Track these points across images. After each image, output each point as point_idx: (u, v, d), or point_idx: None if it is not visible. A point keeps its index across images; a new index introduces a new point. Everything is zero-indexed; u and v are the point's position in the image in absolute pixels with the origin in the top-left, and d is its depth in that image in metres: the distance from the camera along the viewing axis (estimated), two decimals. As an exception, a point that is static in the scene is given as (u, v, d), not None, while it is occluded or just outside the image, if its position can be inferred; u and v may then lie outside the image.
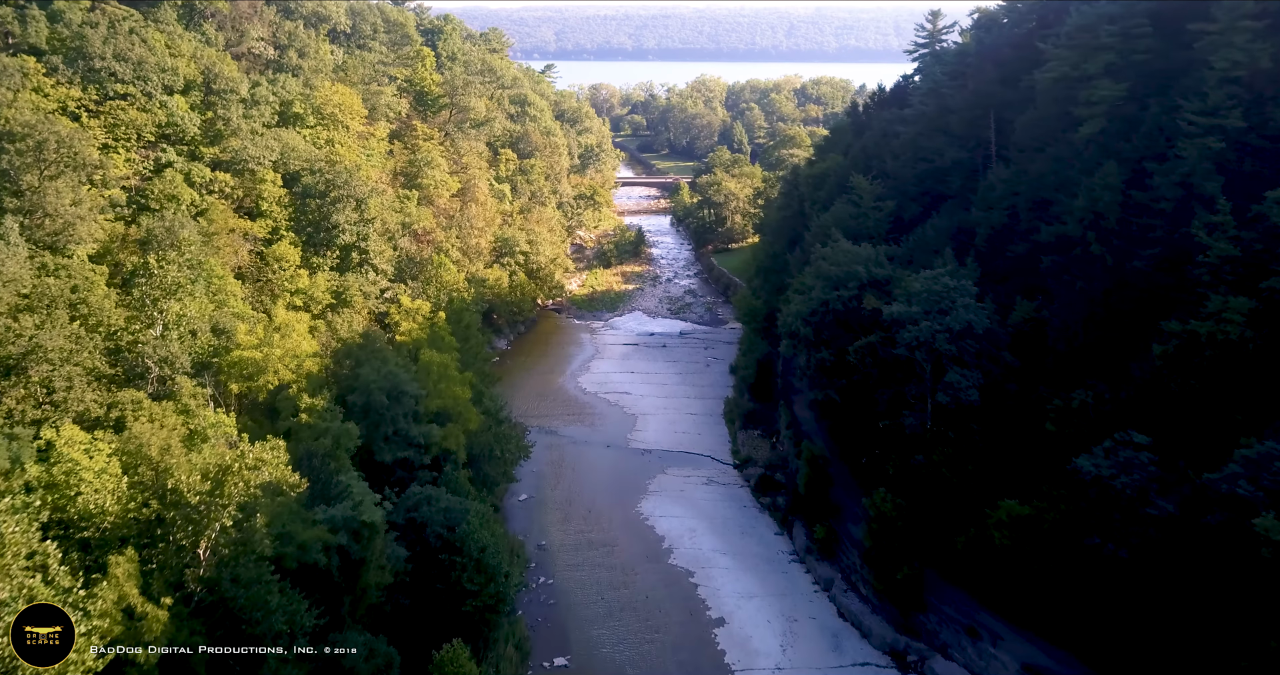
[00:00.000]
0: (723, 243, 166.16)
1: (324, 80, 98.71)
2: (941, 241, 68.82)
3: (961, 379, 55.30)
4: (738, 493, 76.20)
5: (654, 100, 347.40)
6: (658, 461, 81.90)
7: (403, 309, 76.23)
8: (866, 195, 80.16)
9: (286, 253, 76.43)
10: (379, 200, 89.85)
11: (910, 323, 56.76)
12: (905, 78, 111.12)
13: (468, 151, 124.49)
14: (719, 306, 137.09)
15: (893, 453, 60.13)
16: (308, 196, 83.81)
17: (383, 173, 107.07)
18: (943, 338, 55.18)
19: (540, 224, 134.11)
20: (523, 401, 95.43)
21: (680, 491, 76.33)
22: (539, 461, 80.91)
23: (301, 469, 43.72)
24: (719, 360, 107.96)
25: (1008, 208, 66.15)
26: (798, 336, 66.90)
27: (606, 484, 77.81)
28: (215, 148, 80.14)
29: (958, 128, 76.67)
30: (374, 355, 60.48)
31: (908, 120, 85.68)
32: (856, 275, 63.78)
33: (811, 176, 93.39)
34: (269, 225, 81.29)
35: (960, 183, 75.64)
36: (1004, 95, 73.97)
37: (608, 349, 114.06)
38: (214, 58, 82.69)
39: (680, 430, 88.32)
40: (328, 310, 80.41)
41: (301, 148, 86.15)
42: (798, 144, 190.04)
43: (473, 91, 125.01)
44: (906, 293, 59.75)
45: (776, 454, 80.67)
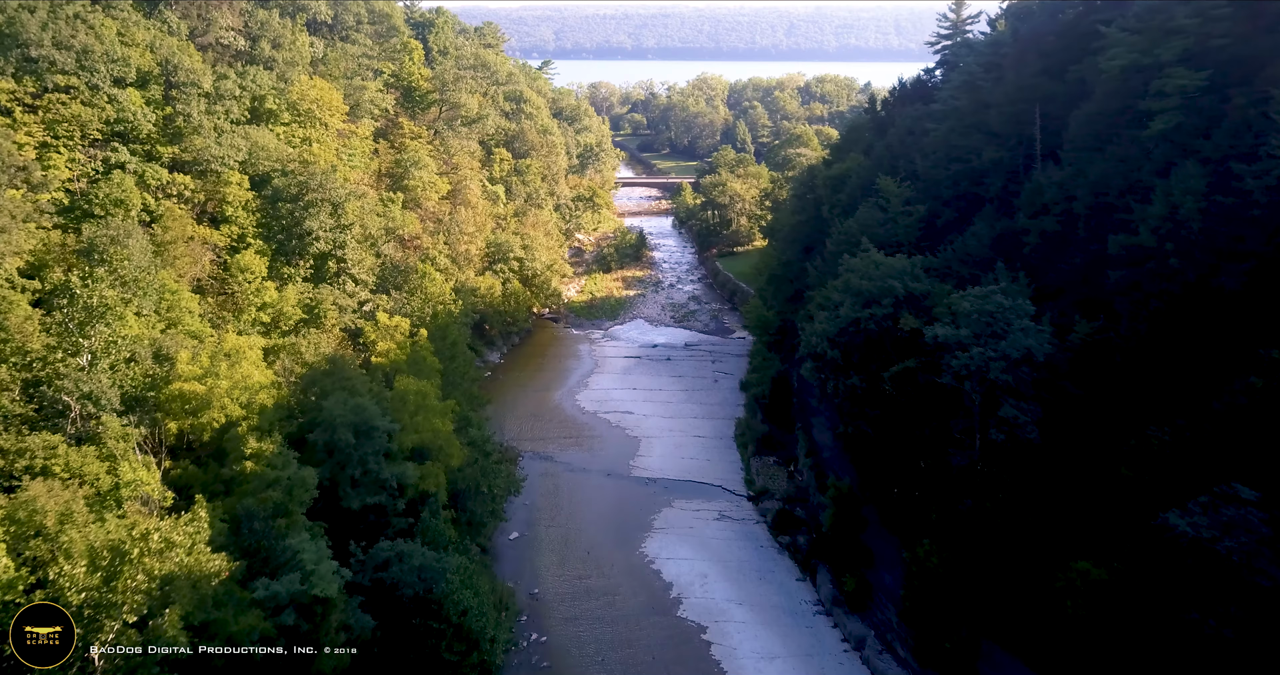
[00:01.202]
0: (728, 246, 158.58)
1: (301, 74, 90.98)
2: (984, 251, 61.25)
3: (1019, 413, 47.72)
4: (753, 530, 68.56)
5: (654, 99, 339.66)
6: (663, 492, 74.26)
7: (379, 327, 68.51)
8: (894, 199, 72.57)
9: (251, 263, 68.77)
10: (358, 204, 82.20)
11: (958, 348, 49.15)
12: (927, 72, 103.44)
13: (458, 151, 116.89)
14: (725, 314, 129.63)
15: (936, 495, 52.48)
16: (278, 200, 76.20)
17: (366, 174, 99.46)
18: (997, 366, 47.57)
19: (536, 227, 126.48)
20: (516, 423, 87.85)
21: (689, 528, 68.68)
22: (533, 492, 73.36)
23: (242, 534, 36.16)
24: (728, 375, 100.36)
25: (1060, 214, 58.51)
26: (823, 359, 59.22)
27: (607, 519, 70.19)
28: (174, 147, 72.44)
29: (997, 124, 68.96)
30: (342, 383, 52.80)
31: (937, 116, 78.02)
32: (891, 291, 56.15)
33: (830, 178, 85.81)
34: (234, 232, 73.66)
35: (1000, 185, 67.96)
36: (1049, 88, 66.31)
37: (608, 362, 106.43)
38: (175, 48, 74.99)
39: (688, 456, 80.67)
40: (301, 327, 72.90)
41: (273, 147, 78.51)
42: (805, 143, 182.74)
43: (464, 87, 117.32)
44: (952, 312, 52.18)
45: (795, 485, 73.06)
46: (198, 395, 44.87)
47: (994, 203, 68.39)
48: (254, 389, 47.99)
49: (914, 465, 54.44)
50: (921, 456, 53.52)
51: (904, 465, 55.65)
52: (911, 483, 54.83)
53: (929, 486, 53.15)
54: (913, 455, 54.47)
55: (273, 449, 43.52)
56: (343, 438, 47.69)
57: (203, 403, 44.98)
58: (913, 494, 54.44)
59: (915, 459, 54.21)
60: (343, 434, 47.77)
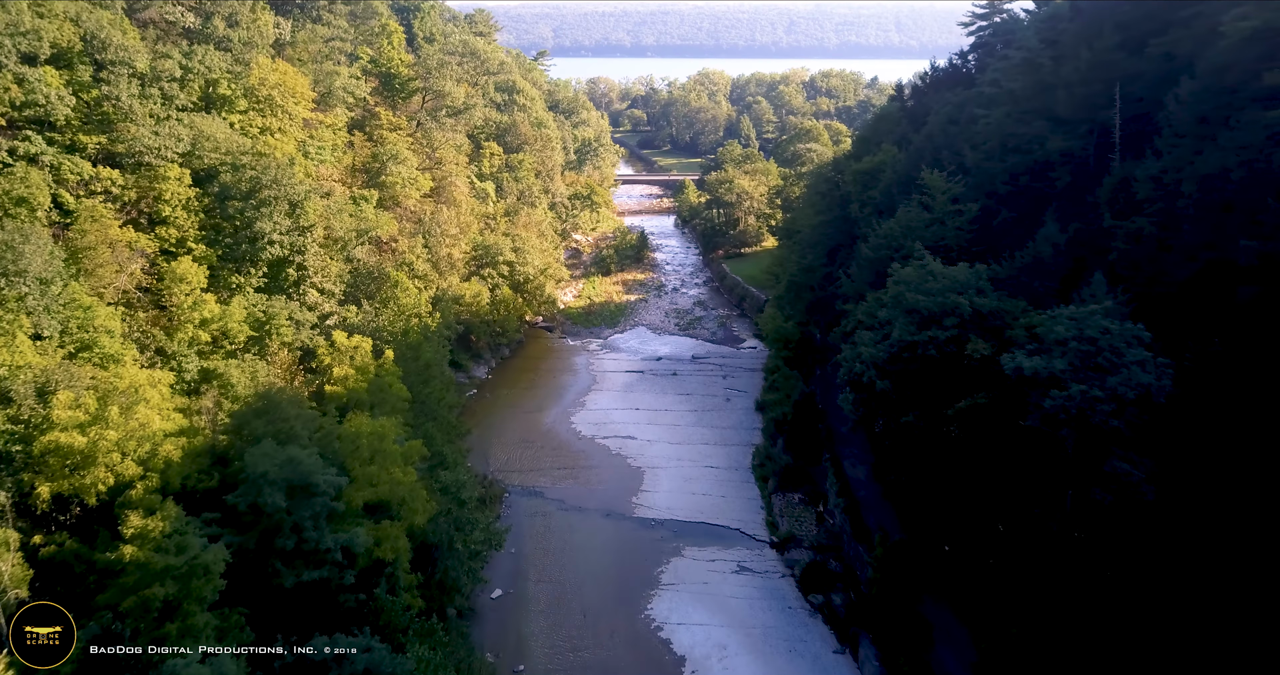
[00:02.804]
0: (734, 247, 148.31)
1: (261, 56, 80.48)
2: (1060, 259, 50.93)
3: (1131, 468, 37.45)
4: (779, 586, 58.22)
5: (655, 94, 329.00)
6: (672, 537, 63.91)
7: (335, 348, 58.07)
8: (940, 196, 62.25)
9: (188, 271, 58.40)
10: (321, 202, 71.77)
11: (1050, 383, 38.82)
12: (960, 55, 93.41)
13: (443, 144, 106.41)
14: (734, 321, 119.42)
15: (1018, 566, 42.15)
16: (226, 198, 65.76)
17: (337, 169, 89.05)
18: (1105, 409, 37.27)
19: (529, 228, 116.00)
20: (503, 450, 77.49)
21: (703, 584, 58.34)
22: (520, 537, 63.06)
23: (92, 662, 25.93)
24: (741, 393, 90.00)
25: (1156, 212, 48.20)
26: (870, 390, 48.78)
27: (607, 572, 59.86)
28: (102, 136, 62.07)
29: (1064, 108, 58.55)
30: (277, 425, 42.48)
31: (987, 101, 67.68)
32: (956, 308, 45.77)
33: (859, 172, 75.52)
34: (172, 235, 63.23)
35: (1070, 179, 57.70)
36: (1129, 65, 56.10)
37: (607, 378, 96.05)
38: (105, 22, 64.55)
39: (699, 491, 70.31)
40: (253, 346, 62.56)
41: (222, 137, 68.01)
42: (815, 137, 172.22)
43: (449, 73, 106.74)
44: (1034, 336, 41.91)
45: (826, 530, 62.75)
46: (77, 450, 34.68)
47: (1061, 200, 58.19)
48: (155, 438, 37.74)
49: (984, 525, 44.06)
50: (996, 516, 43.17)
51: (970, 524, 45.25)
52: (981, 546, 44.42)
53: (1008, 554, 42.75)
54: (983, 513, 44.11)
55: (162, 526, 33.34)
56: (270, 500, 37.42)
57: (85, 459, 34.82)
58: (984, 561, 44.01)
59: (987, 518, 43.85)
60: (270, 495, 37.50)
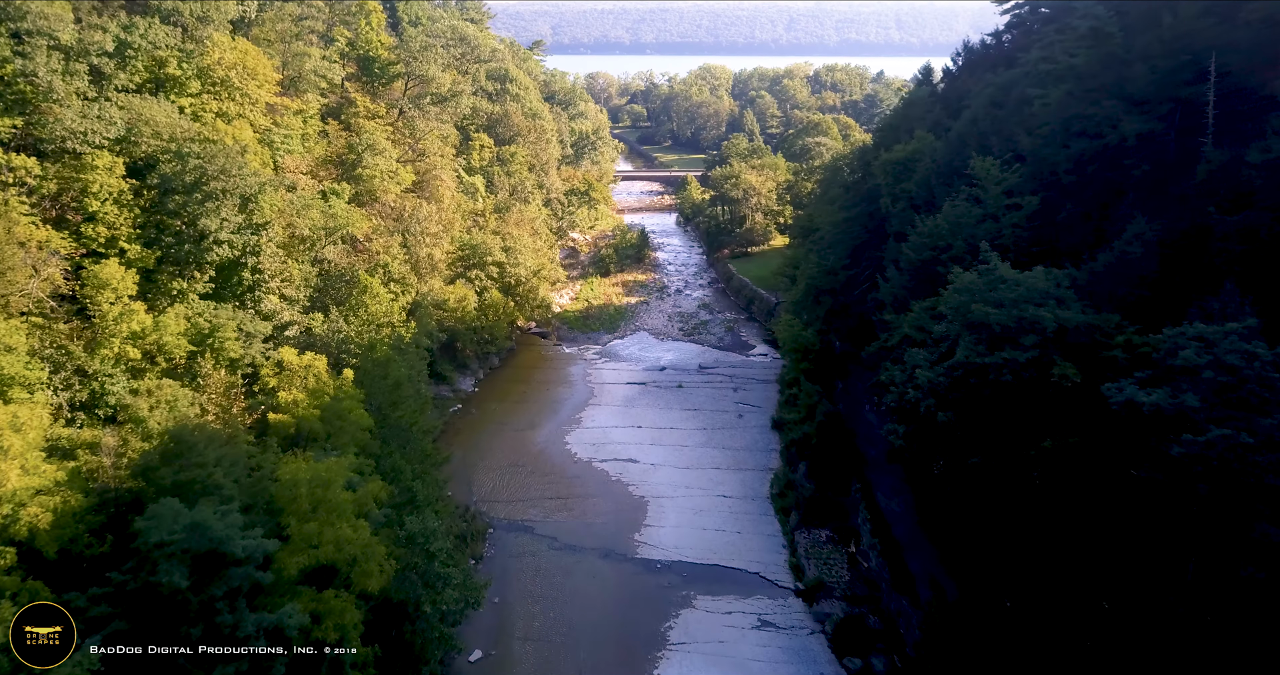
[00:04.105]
0: (741, 246, 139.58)
1: (218, 33, 71.69)
2: (1151, 262, 42.22)
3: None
4: (808, 646, 49.41)
5: (655, 89, 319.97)
6: (681, 584, 55.15)
7: (283, 370, 49.24)
8: (991, 187, 53.59)
9: (113, 276, 49.63)
10: (279, 197, 62.94)
11: (1183, 424, 30.10)
12: (995, 35, 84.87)
13: (427, 134, 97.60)
14: (741, 325, 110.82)
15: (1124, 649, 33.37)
16: (168, 191, 57.02)
17: (307, 159, 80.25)
18: (1256, 460, 28.56)
19: (521, 225, 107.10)
20: (488, 476, 68.70)
21: (719, 643, 49.58)
22: (505, 584, 54.41)
23: None
24: (753, 408, 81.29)
25: (1273, 206, 39.60)
26: (928, 422, 39.90)
27: (605, 628, 51.08)
28: (16, 118, 53.32)
29: (1142, 86, 49.92)
30: (192, 473, 33.67)
31: (1041, 80, 58.89)
32: (1038, 323, 36.96)
33: (890, 163, 66.75)
34: (101, 234, 54.46)
35: (1150, 167, 49.02)
36: (1219, 33, 47.53)
37: (606, 390, 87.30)
38: (24, -14, 55.80)
39: (711, 526, 61.55)
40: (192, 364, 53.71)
41: (163, 121, 59.27)
42: (824, 131, 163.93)
43: (434, 57, 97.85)
44: (1146, 360, 33.21)
45: (860, 576, 54.05)
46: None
47: (1139, 191, 49.58)
48: (14, 500, 29.02)
49: (1078, 595, 35.25)
50: (1099, 588, 34.39)
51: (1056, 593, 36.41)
52: (1074, 623, 35.62)
53: (1113, 637, 33.94)
54: (1077, 581, 35.32)
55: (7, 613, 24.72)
56: (167, 579, 28.69)
57: (-88, 530, 26.24)
58: (1080, 642, 35.19)
59: (1082, 588, 35.06)
60: (167, 571, 28.72)
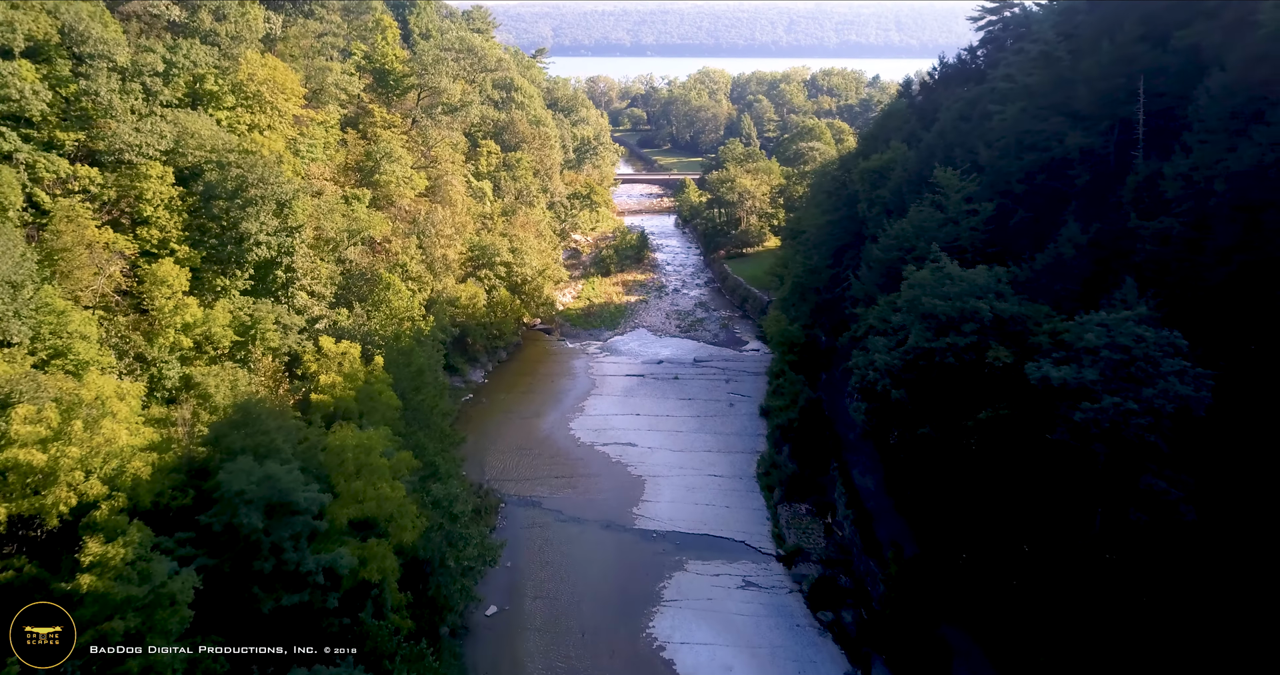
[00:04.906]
0: (736, 247, 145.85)
1: (250, 51, 77.99)
2: (1083, 261, 48.50)
3: (1168, 486, 35.03)
4: (787, 603, 55.74)
5: (655, 93, 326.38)
6: (674, 551, 61.46)
7: (322, 355, 55.60)
8: (954, 195, 59.87)
9: (169, 274, 55.94)
10: (310, 201, 69.30)
11: (1081, 395, 36.40)
12: (969, 51, 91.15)
13: (439, 142, 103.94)
14: (736, 322, 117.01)
15: (1043, 588, 39.71)
16: (212, 197, 63.31)
17: (329, 167, 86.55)
18: (1140, 422, 34.83)
19: (526, 228, 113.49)
20: (499, 458, 75.02)
21: (707, 600, 55.90)
22: (517, 550, 60.64)
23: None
24: (744, 398, 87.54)
25: (1186, 212, 45.79)
26: (884, 400, 46.34)
27: (607, 588, 57.39)
28: (80, 133, 59.60)
29: (1084, 104, 56.22)
30: (257, 439, 40.06)
31: (1002, 97, 65.23)
32: (976, 313, 43.31)
33: (868, 171, 73.07)
34: (154, 236, 60.78)
35: (1090, 177, 55.35)
36: (1151, 58, 53.84)
37: (607, 382, 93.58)
38: (84, 13, 62.07)
39: (702, 501, 67.84)
40: (238, 351, 60.11)
41: (207, 134, 65.52)
42: (817, 136, 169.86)
43: (445, 70, 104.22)
44: (1061, 342, 39.48)
45: (835, 543, 60.31)
46: (37, 468, 32.26)
47: (1081, 199, 55.85)
48: (123, 455, 35.31)
49: (1007, 545, 41.59)
50: (1019, 533, 40.72)
51: (991, 542, 42.78)
52: (1003, 567, 41.96)
53: (1032, 576, 40.29)
54: (1006, 531, 41.66)
55: (124, 553, 30.93)
56: (246, 520, 35.02)
57: (45, 478, 32.39)
58: (1006, 582, 41.55)
59: (1009, 536, 41.39)
60: (246, 515, 35.08)
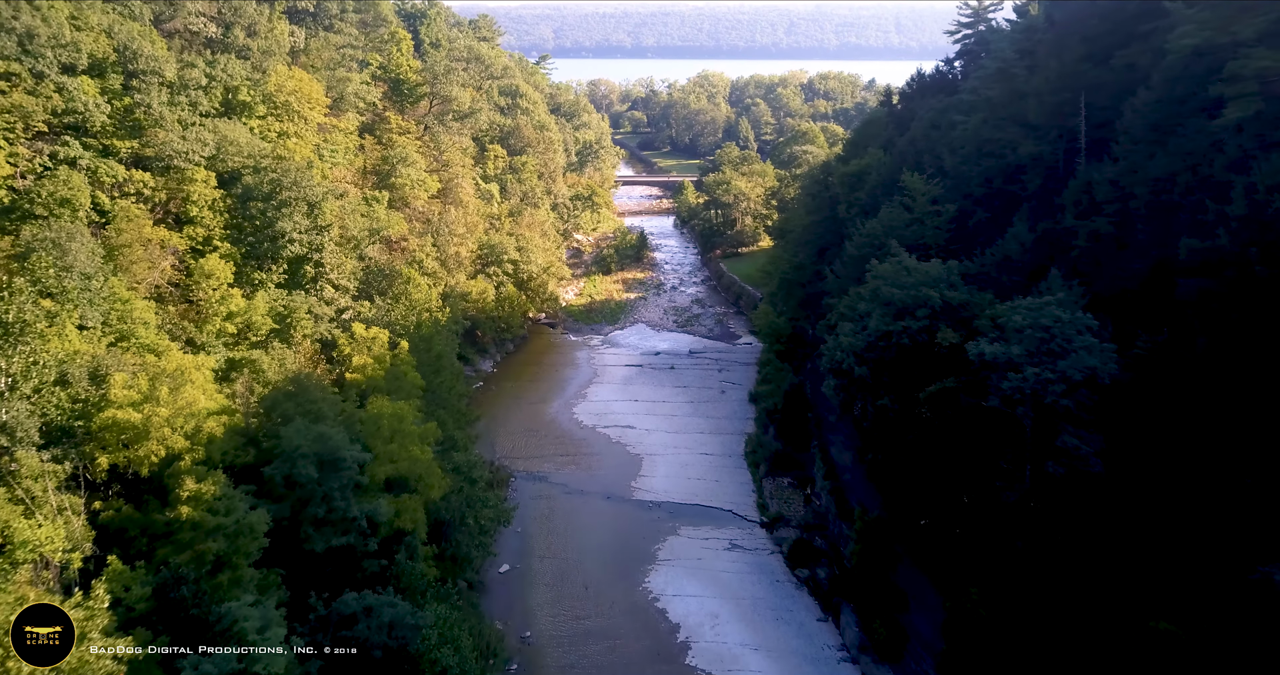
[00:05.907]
0: (731, 247, 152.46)
1: (278, 64, 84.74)
2: (1026, 256, 55.10)
3: (1079, 443, 41.60)
4: (768, 562, 62.38)
5: (655, 96, 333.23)
6: (668, 518, 68.07)
7: (355, 339, 62.26)
8: (920, 197, 66.41)
9: (216, 268, 62.57)
10: (337, 203, 75.96)
11: (1008, 367, 42.98)
12: (947, 62, 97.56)
13: (450, 147, 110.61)
14: (730, 318, 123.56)
15: (980, 534, 46.31)
16: (249, 199, 69.98)
17: (349, 171, 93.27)
18: (1056, 389, 41.42)
19: (532, 228, 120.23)
20: (508, 439, 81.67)
21: (697, 560, 62.50)
22: (526, 518, 67.19)
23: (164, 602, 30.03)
24: (735, 385, 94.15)
25: (1114, 213, 52.37)
26: (849, 376, 53.01)
27: (606, 549, 64.00)
28: (133, 141, 66.24)
29: (1035, 116, 62.79)
30: (306, 407, 46.65)
31: (965, 108, 71.84)
32: (927, 301, 49.93)
33: (846, 175, 79.67)
34: (199, 234, 67.44)
35: (1040, 182, 61.89)
36: (1094, 76, 60.24)
37: (607, 371, 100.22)
38: (136, 33, 68.74)
39: (694, 476, 74.47)
40: (272, 338, 66.71)
41: (244, 141, 72.23)
42: (811, 140, 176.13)
43: (455, 79, 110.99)
44: (998, 325, 46.03)
45: (813, 511, 66.90)
46: (132, 425, 38.79)
47: (1032, 201, 62.38)
48: (200, 416, 41.83)
49: (952, 498, 48.25)
50: (963, 489, 47.35)
51: (940, 497, 49.44)
52: (949, 518, 48.62)
53: (972, 524, 46.94)
54: (951, 487, 48.29)
55: (214, 490, 37.42)
56: (303, 471, 41.55)
57: (139, 433, 38.92)
58: (951, 531, 48.21)
59: (955, 491, 48.03)
60: (303, 467, 41.64)
